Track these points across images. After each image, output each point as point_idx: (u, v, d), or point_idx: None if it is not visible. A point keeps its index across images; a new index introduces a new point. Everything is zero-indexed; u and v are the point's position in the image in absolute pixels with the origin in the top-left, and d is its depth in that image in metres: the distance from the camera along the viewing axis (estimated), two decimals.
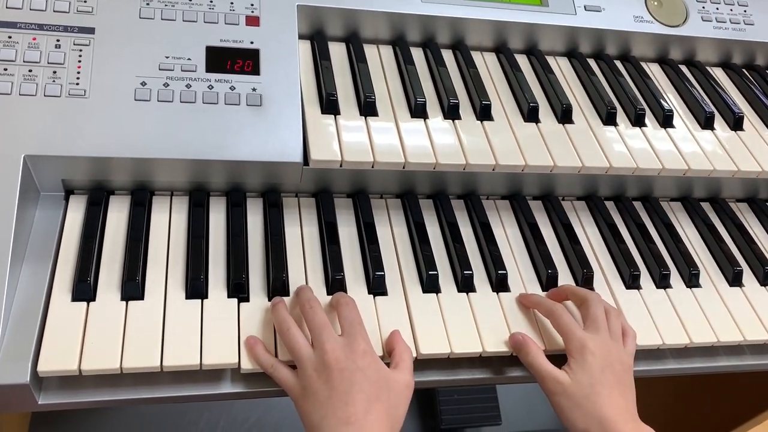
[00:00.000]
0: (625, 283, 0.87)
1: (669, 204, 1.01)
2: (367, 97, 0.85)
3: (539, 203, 0.95)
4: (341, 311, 0.70)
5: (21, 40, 0.77)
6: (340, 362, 0.65)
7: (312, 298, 0.72)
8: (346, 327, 0.69)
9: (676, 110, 0.98)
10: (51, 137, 0.74)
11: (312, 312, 0.70)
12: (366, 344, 0.68)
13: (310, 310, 0.70)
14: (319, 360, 0.66)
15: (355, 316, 0.70)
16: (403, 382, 0.68)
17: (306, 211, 0.86)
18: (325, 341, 0.66)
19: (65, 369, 0.65)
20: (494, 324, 0.78)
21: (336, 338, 0.67)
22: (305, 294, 0.73)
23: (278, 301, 0.73)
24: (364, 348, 0.67)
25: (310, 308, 0.70)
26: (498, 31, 0.99)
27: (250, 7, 0.86)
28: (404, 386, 0.68)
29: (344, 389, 0.64)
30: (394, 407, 0.66)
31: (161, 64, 0.80)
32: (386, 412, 0.65)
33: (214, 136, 0.77)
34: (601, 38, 1.03)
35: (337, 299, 0.72)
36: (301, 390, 0.66)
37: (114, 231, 0.78)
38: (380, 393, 0.65)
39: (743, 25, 1.06)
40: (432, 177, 0.88)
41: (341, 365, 0.65)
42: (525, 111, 0.91)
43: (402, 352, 0.71)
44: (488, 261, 0.85)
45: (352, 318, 0.69)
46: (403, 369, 0.69)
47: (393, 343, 0.72)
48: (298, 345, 0.68)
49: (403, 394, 0.68)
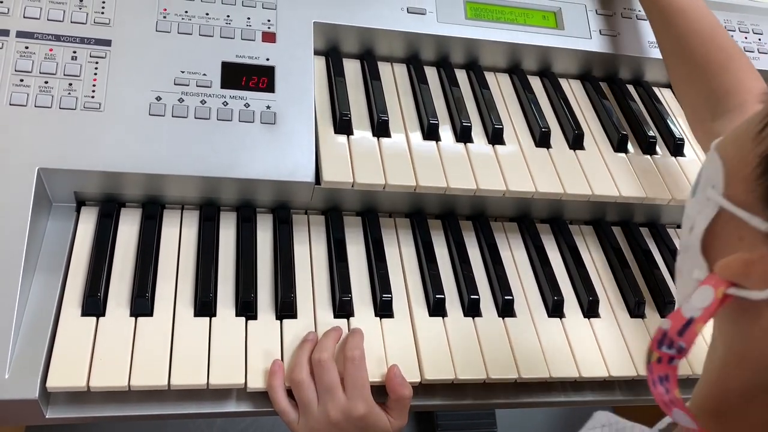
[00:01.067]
0: (630, 312, 0.87)
1: (675, 230, 1.01)
2: (380, 117, 0.85)
3: (547, 226, 0.95)
4: (347, 369, 0.71)
5: (38, 51, 0.77)
6: (340, 424, 0.69)
7: (324, 350, 0.71)
8: (350, 388, 0.70)
9: (687, 138, 0.98)
10: (65, 150, 0.74)
11: (322, 370, 0.70)
12: (366, 407, 0.69)
13: (319, 366, 0.71)
14: (321, 419, 0.69)
15: (360, 377, 0.70)
16: (396, 428, 0.72)
17: (315, 229, 0.86)
18: (328, 402, 0.69)
19: (74, 385, 0.66)
20: (499, 350, 0.79)
21: (339, 400, 0.69)
22: (323, 343, 0.73)
23: (309, 339, 0.74)
24: (362, 413, 0.69)
25: (318, 364, 0.71)
26: (513, 53, 0.99)
27: (267, 23, 0.86)
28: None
29: None
30: None
31: (177, 78, 0.80)
32: None
33: (227, 154, 0.78)
34: (615, 63, 1.03)
35: (347, 351, 0.72)
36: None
37: (125, 244, 0.78)
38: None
39: (757, 53, 1.06)
40: (442, 199, 0.89)
41: (340, 426, 0.69)
42: (537, 135, 0.91)
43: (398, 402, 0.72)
44: (495, 284, 0.85)
45: (356, 378, 0.70)
46: (397, 417, 0.72)
47: (391, 384, 0.72)
48: (307, 400, 0.70)
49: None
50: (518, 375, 0.77)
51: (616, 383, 0.83)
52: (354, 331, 0.75)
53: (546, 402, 0.81)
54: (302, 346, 0.73)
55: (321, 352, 0.71)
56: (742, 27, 1.07)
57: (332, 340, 0.73)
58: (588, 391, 0.82)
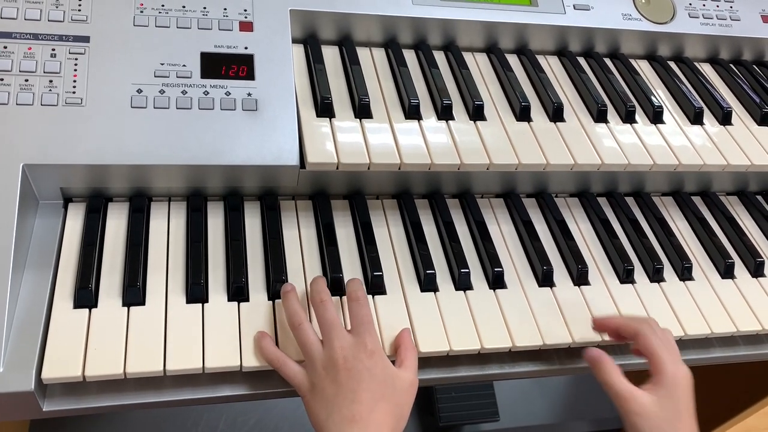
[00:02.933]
0: (619, 278, 0.88)
1: (661, 198, 1.02)
2: (361, 99, 0.86)
3: (533, 201, 0.96)
4: (352, 308, 0.71)
5: (16, 50, 0.78)
6: (348, 361, 0.66)
7: (323, 291, 0.72)
8: (356, 325, 0.70)
9: (666, 106, 1.00)
10: (49, 146, 0.74)
11: (323, 308, 0.70)
12: (374, 343, 0.69)
13: (321, 306, 0.71)
14: (327, 358, 0.67)
15: (365, 314, 0.71)
16: (408, 380, 0.69)
17: (303, 214, 0.87)
18: (334, 339, 0.68)
19: (69, 376, 0.66)
20: (492, 321, 0.79)
21: (345, 336, 0.68)
22: (318, 286, 0.73)
23: (289, 290, 0.73)
24: (371, 347, 0.68)
25: (321, 303, 0.71)
26: (488, 32, 1.00)
27: (244, 12, 0.87)
28: (409, 384, 0.69)
29: (351, 387, 0.65)
30: (399, 405, 0.68)
31: (157, 71, 0.80)
32: (391, 410, 0.66)
33: (210, 142, 0.78)
34: (591, 36, 1.04)
35: (350, 293, 0.73)
36: (309, 386, 0.68)
37: (113, 237, 0.79)
38: (385, 391, 0.66)
39: (729, 21, 1.08)
40: (427, 177, 0.89)
41: (349, 364, 0.66)
42: (517, 110, 0.92)
43: (407, 350, 0.72)
44: (484, 259, 0.86)
45: (362, 316, 0.70)
46: (408, 367, 0.70)
47: (399, 341, 0.73)
48: (309, 341, 0.69)
49: (408, 392, 0.69)
50: (512, 344, 0.77)
51: (611, 349, 0.84)
52: (351, 279, 0.75)
53: (541, 371, 0.82)
54: (287, 296, 0.73)
55: (319, 293, 0.72)
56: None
57: (323, 283, 0.74)
58: (579, 357, 0.82)
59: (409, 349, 0.72)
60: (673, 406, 0.71)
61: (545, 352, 0.82)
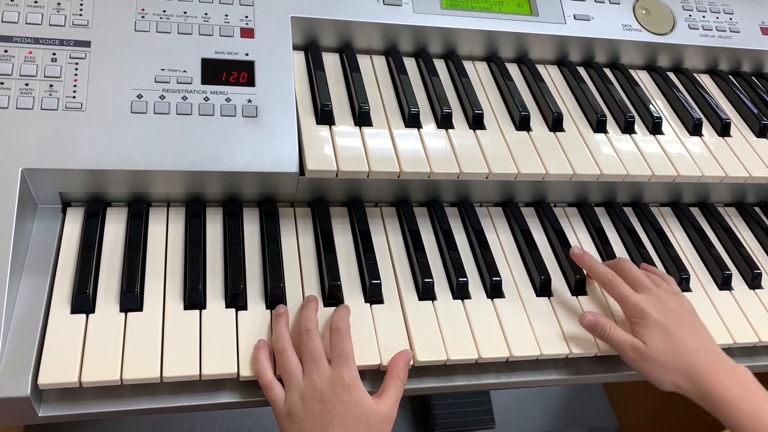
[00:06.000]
0: None
1: (659, 209, 1.02)
2: (361, 107, 0.86)
3: (532, 210, 0.96)
4: (332, 339, 0.71)
5: (17, 54, 0.78)
6: (325, 394, 0.67)
7: (310, 320, 0.73)
8: (335, 357, 0.70)
9: (665, 117, 1.00)
10: (48, 150, 0.74)
11: (308, 337, 0.71)
12: (351, 377, 0.69)
13: (306, 335, 0.71)
14: (306, 388, 0.68)
15: (345, 347, 0.71)
16: (383, 414, 0.69)
17: (302, 221, 0.87)
18: (313, 370, 0.69)
19: (65, 381, 0.66)
20: (490, 330, 0.79)
21: (325, 368, 0.69)
22: (306, 314, 0.74)
23: (281, 312, 0.74)
24: (348, 381, 0.68)
25: (306, 332, 0.72)
26: (489, 41, 1.00)
27: (245, 19, 0.87)
28: (384, 418, 0.69)
29: (325, 421, 0.66)
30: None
31: (157, 76, 0.81)
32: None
33: (210, 148, 0.78)
34: (591, 47, 1.05)
35: (332, 323, 0.73)
36: (286, 412, 0.68)
37: (112, 243, 0.78)
38: (358, 426, 0.67)
39: (729, 32, 1.08)
40: (426, 185, 0.89)
41: (325, 397, 0.67)
42: (517, 119, 0.92)
43: (391, 379, 0.72)
44: (482, 268, 0.86)
45: (341, 348, 0.71)
46: (386, 398, 0.70)
47: (390, 366, 0.73)
48: (291, 369, 0.69)
49: (382, 426, 0.69)
50: (509, 354, 0.77)
51: (607, 359, 0.84)
52: (340, 306, 0.76)
53: (539, 381, 0.82)
54: (278, 319, 0.73)
55: (306, 321, 0.72)
56: (713, 8, 1.09)
57: (313, 310, 0.74)
58: (578, 368, 0.82)
59: (394, 379, 0.72)
60: (657, 336, 0.74)
61: (542, 362, 0.82)
